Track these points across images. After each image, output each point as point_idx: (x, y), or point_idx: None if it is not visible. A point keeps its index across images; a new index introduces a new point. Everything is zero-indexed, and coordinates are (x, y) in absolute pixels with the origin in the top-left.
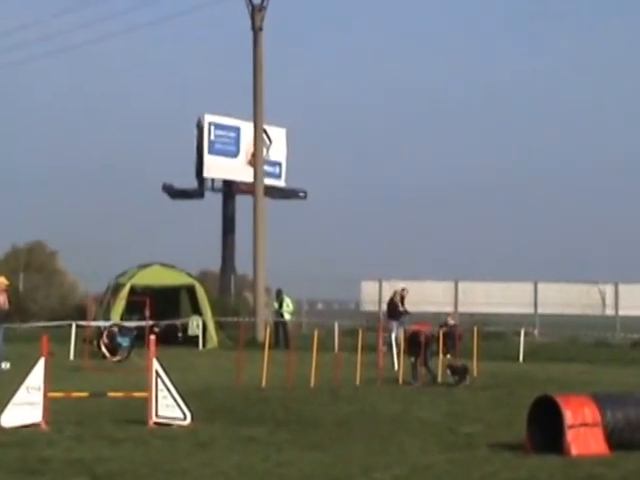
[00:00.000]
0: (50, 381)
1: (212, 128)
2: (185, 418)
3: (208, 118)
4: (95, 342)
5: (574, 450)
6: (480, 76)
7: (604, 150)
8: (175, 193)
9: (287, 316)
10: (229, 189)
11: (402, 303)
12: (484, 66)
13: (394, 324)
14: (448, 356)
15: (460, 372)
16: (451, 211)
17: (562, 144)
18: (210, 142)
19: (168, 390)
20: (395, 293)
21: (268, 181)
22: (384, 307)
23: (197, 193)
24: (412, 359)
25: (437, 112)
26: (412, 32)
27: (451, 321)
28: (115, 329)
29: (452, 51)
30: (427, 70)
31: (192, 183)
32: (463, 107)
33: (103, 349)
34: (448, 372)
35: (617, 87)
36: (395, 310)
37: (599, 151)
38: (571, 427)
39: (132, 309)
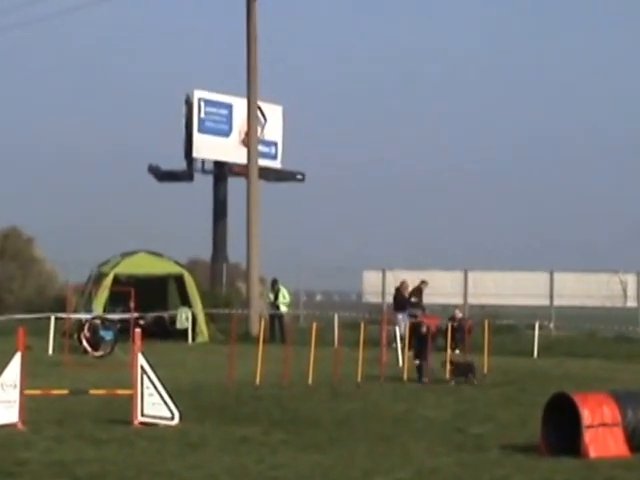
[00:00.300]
0: (27, 378)
1: (202, 105)
2: (173, 417)
3: (198, 94)
4: (76, 336)
5: (592, 452)
6: (487, 49)
7: (624, 129)
8: (162, 175)
9: (283, 308)
10: (220, 171)
11: (420, 296)
12: (489, 39)
13: (400, 317)
14: (457, 351)
15: (463, 370)
16: (459, 196)
17: (577, 125)
18: (200, 120)
19: (155, 387)
20: (402, 283)
21: (263, 162)
22: (388, 299)
23: (186, 175)
24: (412, 353)
25: (444, 90)
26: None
27: (459, 314)
28: (97, 322)
29: (454, 27)
30: (433, 43)
31: (180, 164)
32: (469, 84)
33: (84, 343)
34: (448, 367)
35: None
36: (402, 301)
37: (619, 130)
38: (589, 427)
39: (116, 300)
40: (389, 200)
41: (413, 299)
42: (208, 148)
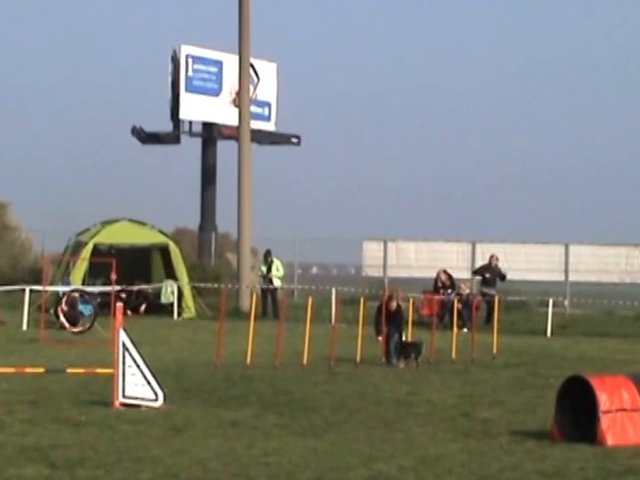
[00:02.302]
0: None
1: (190, 61)
2: (157, 399)
3: (185, 50)
4: (52, 310)
5: (610, 439)
6: None
7: None
8: (146, 137)
9: (277, 282)
10: (209, 133)
11: (491, 272)
12: None
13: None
14: (464, 330)
15: (407, 350)
16: (467, 161)
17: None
18: (187, 78)
19: (137, 366)
20: (439, 273)
21: (255, 124)
22: (389, 272)
23: (172, 137)
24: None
25: (446, 48)
26: None
27: (465, 290)
28: (76, 295)
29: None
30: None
31: (166, 126)
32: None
33: (61, 318)
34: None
35: None
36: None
37: None
38: (606, 413)
39: (96, 272)
40: (391, 166)
41: (487, 275)
42: (196, 108)
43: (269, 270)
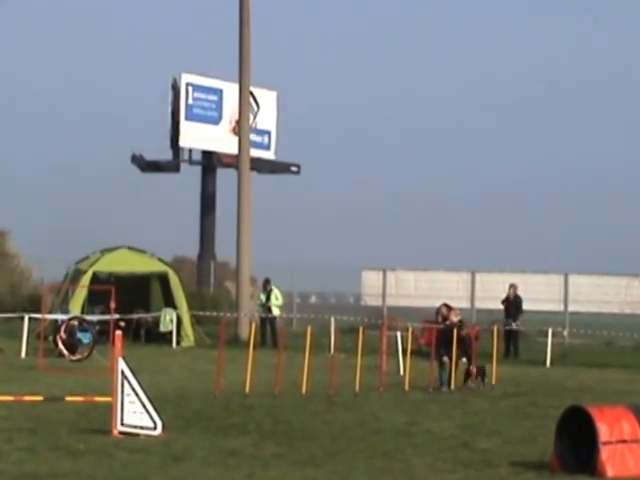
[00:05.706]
0: None
1: (190, 90)
2: (155, 427)
3: (185, 78)
4: (51, 338)
5: (610, 471)
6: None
7: None
8: (146, 165)
9: (275, 310)
10: (209, 161)
11: (508, 304)
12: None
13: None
14: (463, 360)
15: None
16: (466, 190)
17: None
18: (188, 106)
19: (136, 394)
20: (440, 307)
21: (255, 152)
22: (389, 301)
23: (172, 166)
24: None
25: (447, 79)
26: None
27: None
28: (74, 323)
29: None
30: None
31: (166, 154)
32: (474, 79)
33: (60, 346)
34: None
35: None
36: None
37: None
38: (606, 444)
39: (94, 300)
40: (390, 195)
41: (504, 306)
42: (196, 137)
43: (268, 299)
